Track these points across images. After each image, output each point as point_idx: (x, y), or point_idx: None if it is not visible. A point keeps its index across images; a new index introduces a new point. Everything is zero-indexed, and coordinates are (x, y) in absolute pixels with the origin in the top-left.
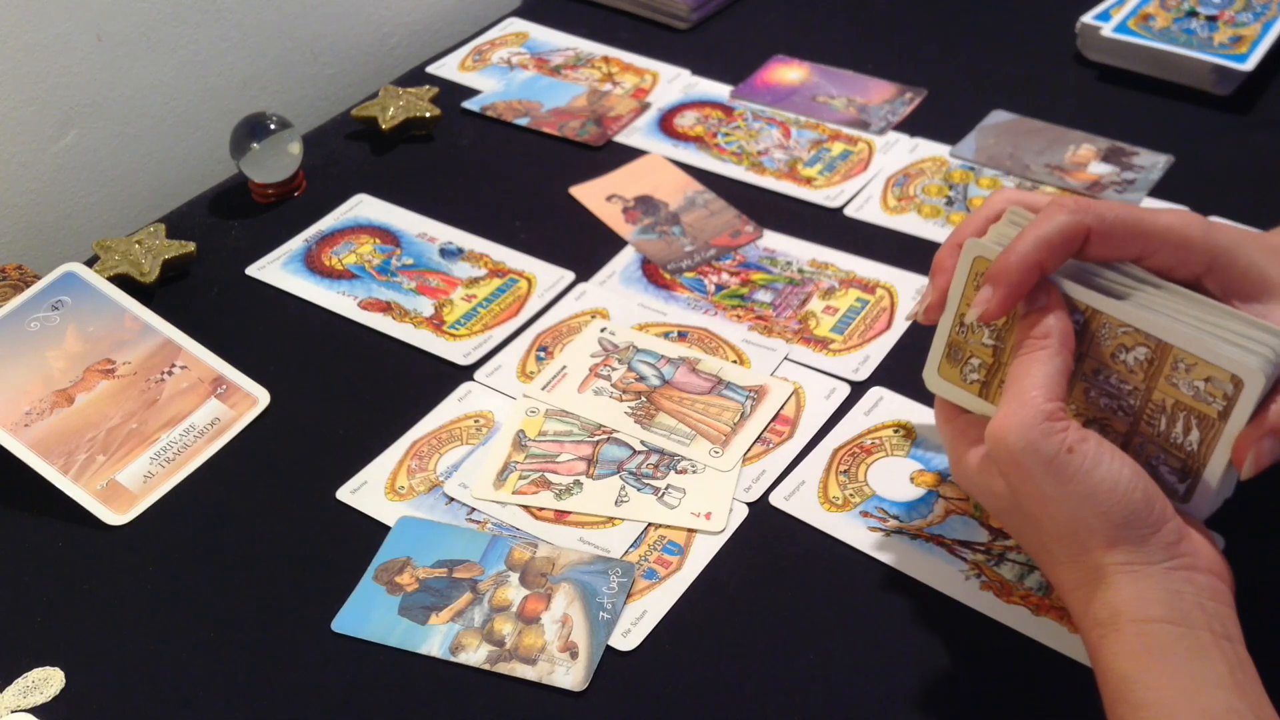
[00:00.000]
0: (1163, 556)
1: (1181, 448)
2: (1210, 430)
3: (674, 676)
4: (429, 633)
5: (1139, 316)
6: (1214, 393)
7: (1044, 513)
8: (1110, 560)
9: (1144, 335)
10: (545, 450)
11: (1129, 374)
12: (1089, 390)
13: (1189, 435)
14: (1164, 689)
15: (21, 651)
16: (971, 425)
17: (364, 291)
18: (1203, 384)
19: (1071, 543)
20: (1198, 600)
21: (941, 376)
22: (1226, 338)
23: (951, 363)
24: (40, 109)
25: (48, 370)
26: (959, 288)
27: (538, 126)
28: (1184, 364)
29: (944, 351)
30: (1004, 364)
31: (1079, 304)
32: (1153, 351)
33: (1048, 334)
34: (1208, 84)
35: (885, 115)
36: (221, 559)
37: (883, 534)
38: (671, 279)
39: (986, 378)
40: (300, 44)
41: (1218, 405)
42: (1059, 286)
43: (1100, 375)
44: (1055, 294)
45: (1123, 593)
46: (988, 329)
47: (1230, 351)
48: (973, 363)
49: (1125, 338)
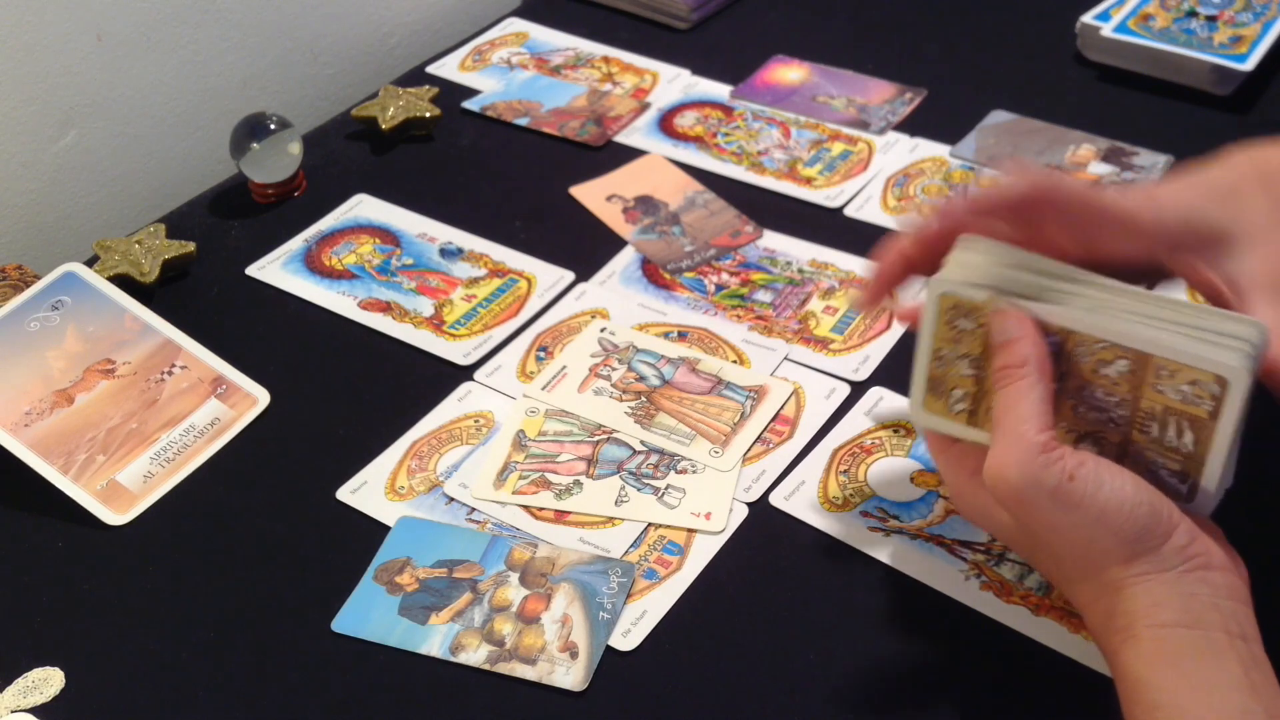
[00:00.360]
0: (1176, 561)
1: (1178, 450)
2: (1204, 430)
3: (674, 676)
4: (429, 633)
5: (1114, 330)
6: (1201, 395)
7: (1056, 539)
8: (1127, 573)
9: (1122, 348)
10: (545, 450)
11: (1114, 386)
12: (1077, 407)
13: (1183, 438)
14: (1178, 692)
15: (21, 651)
16: (967, 454)
17: (364, 291)
18: (1189, 388)
19: (1087, 563)
20: (1213, 601)
21: (928, 410)
22: (1204, 338)
23: (936, 396)
24: (40, 109)
25: (48, 370)
26: (930, 323)
27: (538, 126)
28: (1166, 371)
29: (925, 386)
30: (987, 390)
31: (1051, 326)
32: (1133, 362)
33: (1024, 362)
34: (1208, 84)
35: (885, 115)
36: (221, 559)
37: (882, 534)
38: (671, 279)
39: (973, 405)
40: (300, 44)
41: (1207, 406)
42: (1029, 312)
43: (1085, 391)
44: (1026, 320)
45: (1139, 601)
46: (967, 360)
47: (1209, 352)
48: (956, 393)
49: (1104, 352)
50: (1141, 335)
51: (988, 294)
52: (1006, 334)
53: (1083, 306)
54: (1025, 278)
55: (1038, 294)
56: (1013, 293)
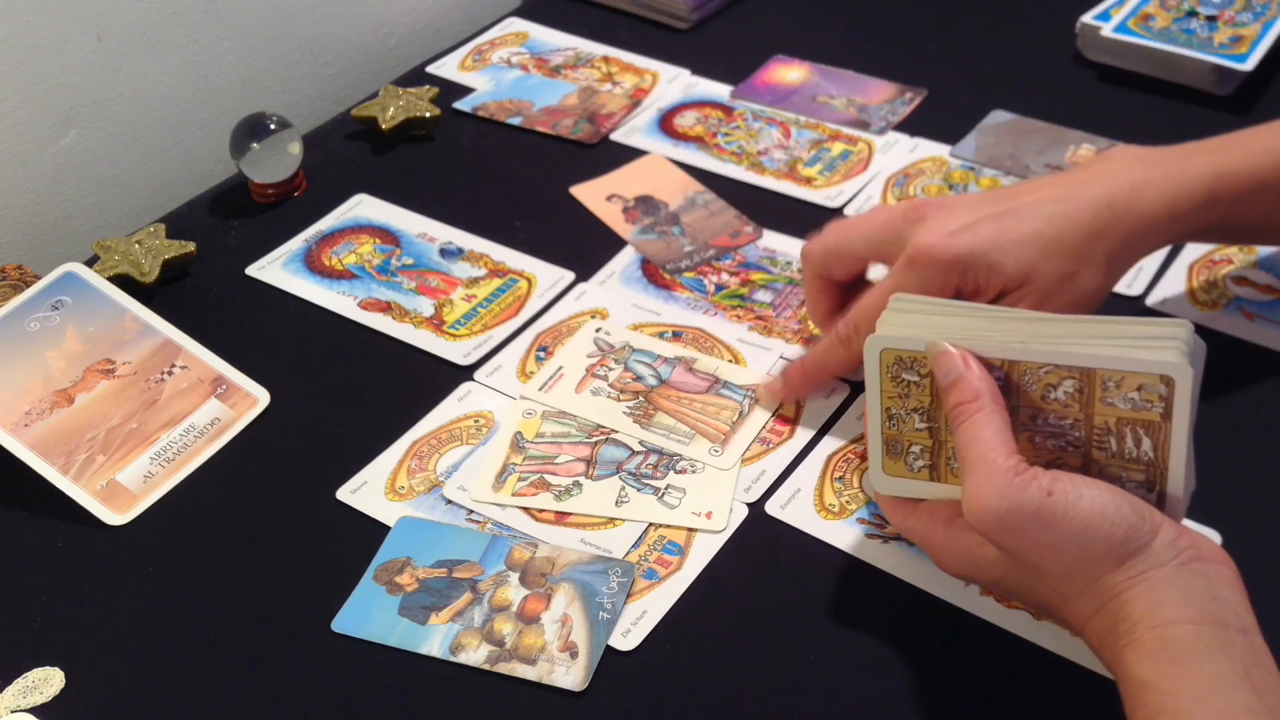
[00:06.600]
0: (1169, 555)
1: (1139, 460)
2: (1159, 434)
3: (674, 676)
4: (429, 633)
5: (1054, 353)
6: (1150, 398)
7: (1045, 560)
8: (1122, 577)
9: (1066, 369)
10: (543, 452)
11: (1065, 409)
12: (1033, 437)
13: (1141, 446)
14: (1181, 692)
15: (21, 651)
16: (931, 511)
17: (364, 291)
18: (1136, 394)
19: (1080, 577)
20: (1211, 593)
21: (888, 474)
22: (1138, 344)
23: (893, 458)
24: (40, 109)
25: (48, 370)
26: (874, 384)
27: (530, 125)
28: (1113, 382)
29: (882, 450)
30: (944, 441)
31: (994, 361)
32: (1079, 380)
33: (976, 395)
34: (1208, 84)
35: (885, 115)
36: (221, 559)
37: (880, 540)
38: (671, 279)
39: (932, 460)
40: (300, 44)
41: (1158, 409)
42: (970, 349)
43: (1038, 420)
44: (969, 357)
45: (1140, 603)
46: (918, 414)
47: (1148, 355)
48: (914, 450)
49: (1049, 377)
50: (1081, 353)
51: (926, 341)
52: (953, 373)
53: (1017, 338)
54: (957, 321)
55: (973, 334)
56: (949, 337)
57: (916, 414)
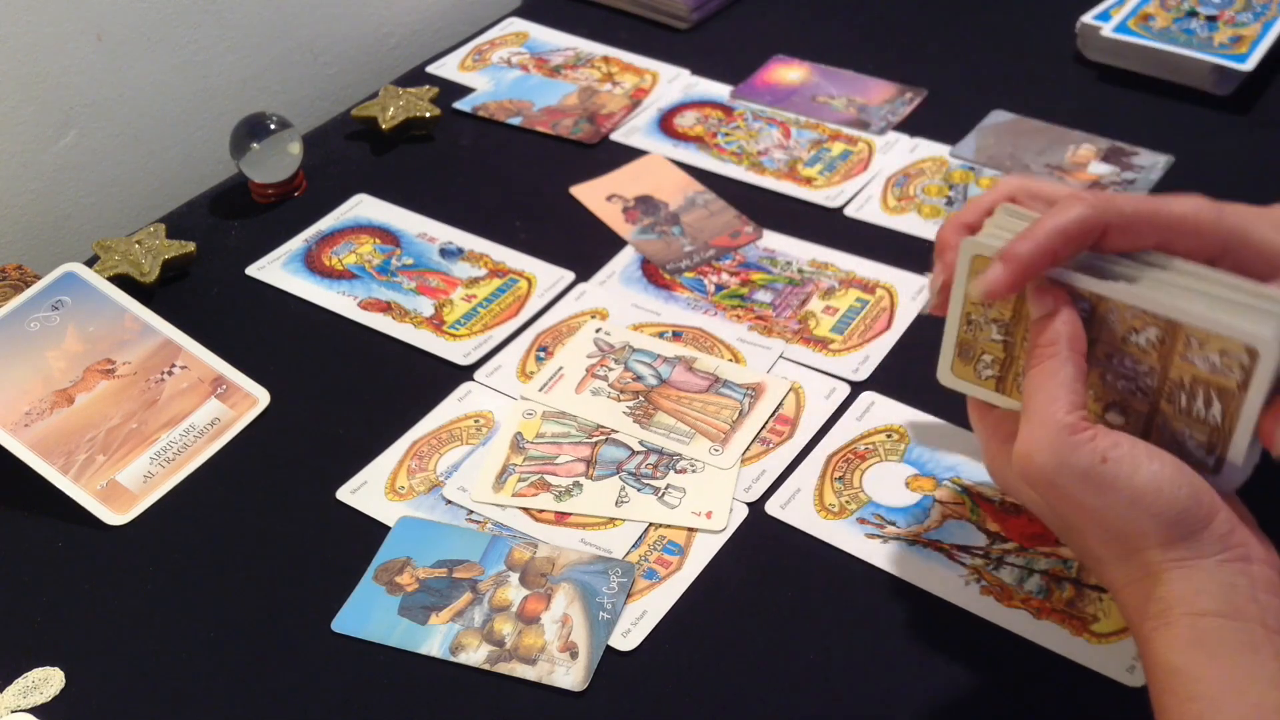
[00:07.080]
0: (1216, 549)
1: (1205, 421)
2: (1232, 402)
3: (674, 676)
4: (429, 633)
5: (1145, 297)
6: (1230, 365)
7: (1088, 522)
8: (1164, 557)
9: (1152, 316)
10: (543, 452)
11: (1143, 355)
12: (1105, 375)
13: (1211, 409)
14: (1213, 682)
15: (21, 651)
16: (1004, 421)
17: (364, 291)
18: (1218, 358)
19: (1122, 545)
20: (1252, 594)
21: (955, 375)
22: (1235, 309)
23: (964, 361)
24: (40, 109)
25: (48, 370)
26: (960, 287)
27: (530, 125)
28: (1196, 340)
29: (954, 350)
30: (1016, 357)
31: (1083, 292)
32: (1163, 331)
33: (1054, 340)
34: (1208, 84)
35: (885, 115)
36: (221, 559)
37: (880, 540)
38: (671, 279)
39: (1001, 372)
40: (300, 44)
41: (1236, 377)
42: (1062, 279)
43: (1114, 359)
44: (1060, 294)
45: (1176, 588)
46: (996, 325)
47: (1241, 323)
48: (985, 359)
49: (1134, 320)
50: (1173, 304)
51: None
52: (1042, 310)
53: (1117, 273)
54: None
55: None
56: None
57: (995, 325)
